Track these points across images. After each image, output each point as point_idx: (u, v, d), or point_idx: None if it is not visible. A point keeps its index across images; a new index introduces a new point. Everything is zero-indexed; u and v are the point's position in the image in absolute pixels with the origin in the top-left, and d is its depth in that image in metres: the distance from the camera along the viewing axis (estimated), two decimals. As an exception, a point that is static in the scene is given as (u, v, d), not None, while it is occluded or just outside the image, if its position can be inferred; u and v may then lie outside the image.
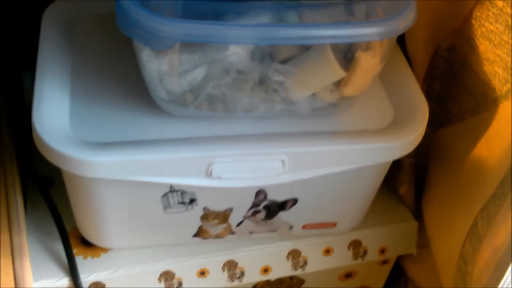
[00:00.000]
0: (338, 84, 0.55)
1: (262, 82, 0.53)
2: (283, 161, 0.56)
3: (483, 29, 0.57)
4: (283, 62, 0.53)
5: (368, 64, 0.53)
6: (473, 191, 0.62)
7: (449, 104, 0.65)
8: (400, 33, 0.50)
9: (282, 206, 0.64)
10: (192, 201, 0.60)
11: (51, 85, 0.57)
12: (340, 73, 0.53)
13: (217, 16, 0.49)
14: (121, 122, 0.56)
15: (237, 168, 0.55)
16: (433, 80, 0.66)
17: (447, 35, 0.63)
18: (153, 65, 0.51)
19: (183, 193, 0.59)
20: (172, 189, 0.59)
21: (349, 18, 0.52)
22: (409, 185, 0.73)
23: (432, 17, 0.63)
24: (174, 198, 0.60)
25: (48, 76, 0.57)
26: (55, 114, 0.55)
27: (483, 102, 0.59)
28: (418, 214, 0.76)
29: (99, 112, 0.57)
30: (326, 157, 0.57)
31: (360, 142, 0.57)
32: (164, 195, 0.59)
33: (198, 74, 0.51)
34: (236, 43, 0.49)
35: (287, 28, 0.48)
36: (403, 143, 0.58)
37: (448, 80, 0.65)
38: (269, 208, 0.64)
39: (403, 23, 0.50)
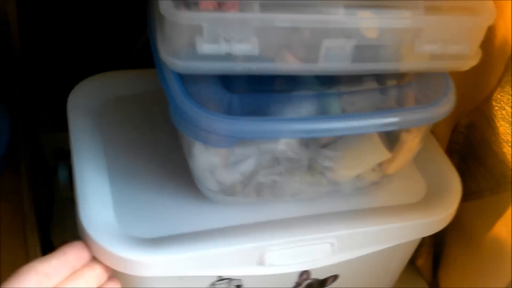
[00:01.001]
0: (381, 163, 0.56)
1: (309, 167, 0.54)
2: (332, 244, 0.56)
3: (503, 112, 0.59)
4: (327, 144, 0.55)
5: (412, 144, 0.54)
6: (493, 272, 0.63)
7: (468, 180, 0.66)
8: (443, 117, 0.52)
9: (323, 282, 0.64)
10: (238, 287, 0.60)
11: (91, 180, 0.56)
12: (386, 155, 0.54)
13: (266, 107, 0.50)
14: (165, 212, 0.56)
15: (289, 255, 0.55)
16: (452, 154, 0.68)
17: (467, 112, 0.65)
18: (205, 157, 0.51)
19: (230, 280, 0.59)
20: (220, 278, 0.58)
21: (383, 98, 0.54)
22: (427, 257, 0.74)
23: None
24: (221, 286, 0.59)
25: (87, 170, 0.57)
26: (101, 211, 0.54)
27: (502, 182, 0.61)
28: (434, 285, 0.77)
29: (141, 202, 0.56)
30: (373, 236, 0.58)
31: (405, 219, 0.58)
32: (211, 284, 0.59)
33: (250, 164, 0.52)
34: (292, 137, 0.51)
35: (338, 120, 0.49)
36: (443, 217, 0.59)
37: (467, 156, 0.67)
38: (311, 286, 0.64)
39: (446, 107, 0.51)
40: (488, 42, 0.59)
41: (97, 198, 0.55)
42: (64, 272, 0.50)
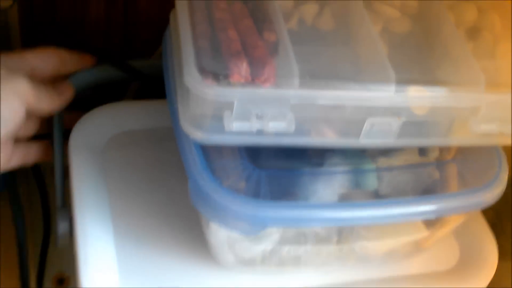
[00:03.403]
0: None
1: (338, 241, 0.49)
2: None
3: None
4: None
5: (455, 223, 0.49)
6: None
7: (502, 239, 0.60)
8: (495, 202, 0.46)
9: None
10: None
11: (94, 240, 0.50)
12: (424, 233, 0.49)
13: (296, 185, 0.44)
14: (175, 278, 0.50)
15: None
16: (487, 210, 0.62)
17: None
18: (224, 232, 0.46)
19: None
20: None
21: (425, 174, 0.49)
22: None
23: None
24: None
25: (90, 229, 0.50)
26: (104, 278, 0.49)
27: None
28: None
29: (148, 266, 0.50)
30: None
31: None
32: None
33: (273, 240, 0.46)
34: (325, 226, 0.45)
35: (375, 208, 0.44)
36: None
37: (503, 214, 0.61)
38: None
39: (497, 191, 0.46)
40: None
41: (100, 261, 0.49)
42: None
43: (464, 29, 0.48)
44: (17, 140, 0.53)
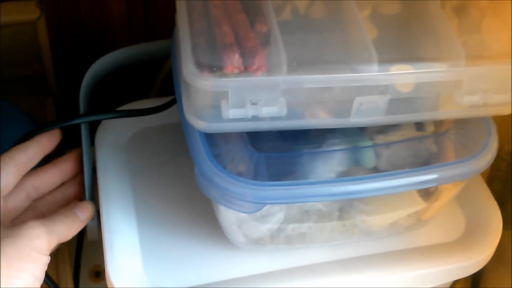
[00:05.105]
0: (417, 210, 0.54)
1: (340, 216, 0.52)
2: (364, 291, 0.54)
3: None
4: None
5: (451, 194, 0.51)
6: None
7: (510, 208, 0.63)
8: (486, 168, 0.49)
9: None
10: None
11: (119, 230, 0.55)
12: (422, 205, 0.51)
13: (296, 165, 0.48)
14: (194, 260, 0.54)
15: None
16: (494, 181, 0.64)
17: (510, 138, 0.61)
18: (231, 213, 0.50)
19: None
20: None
21: (421, 147, 0.51)
22: (464, 283, 0.72)
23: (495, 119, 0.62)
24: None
25: (114, 219, 0.55)
26: (128, 262, 0.53)
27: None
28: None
29: (169, 250, 0.55)
30: (407, 281, 0.56)
31: (441, 264, 0.55)
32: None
33: (278, 219, 0.50)
34: (323, 201, 0.49)
35: (371, 181, 0.46)
36: (482, 259, 0.56)
37: (509, 182, 0.63)
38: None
39: (488, 158, 0.48)
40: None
41: (125, 249, 0.54)
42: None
43: (451, 7, 0.50)
44: None
